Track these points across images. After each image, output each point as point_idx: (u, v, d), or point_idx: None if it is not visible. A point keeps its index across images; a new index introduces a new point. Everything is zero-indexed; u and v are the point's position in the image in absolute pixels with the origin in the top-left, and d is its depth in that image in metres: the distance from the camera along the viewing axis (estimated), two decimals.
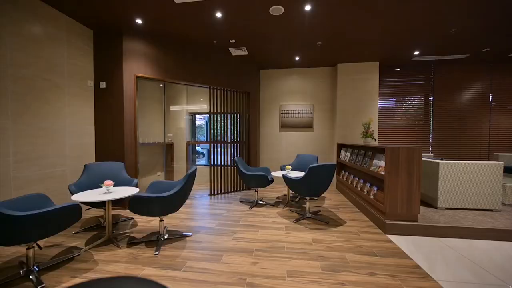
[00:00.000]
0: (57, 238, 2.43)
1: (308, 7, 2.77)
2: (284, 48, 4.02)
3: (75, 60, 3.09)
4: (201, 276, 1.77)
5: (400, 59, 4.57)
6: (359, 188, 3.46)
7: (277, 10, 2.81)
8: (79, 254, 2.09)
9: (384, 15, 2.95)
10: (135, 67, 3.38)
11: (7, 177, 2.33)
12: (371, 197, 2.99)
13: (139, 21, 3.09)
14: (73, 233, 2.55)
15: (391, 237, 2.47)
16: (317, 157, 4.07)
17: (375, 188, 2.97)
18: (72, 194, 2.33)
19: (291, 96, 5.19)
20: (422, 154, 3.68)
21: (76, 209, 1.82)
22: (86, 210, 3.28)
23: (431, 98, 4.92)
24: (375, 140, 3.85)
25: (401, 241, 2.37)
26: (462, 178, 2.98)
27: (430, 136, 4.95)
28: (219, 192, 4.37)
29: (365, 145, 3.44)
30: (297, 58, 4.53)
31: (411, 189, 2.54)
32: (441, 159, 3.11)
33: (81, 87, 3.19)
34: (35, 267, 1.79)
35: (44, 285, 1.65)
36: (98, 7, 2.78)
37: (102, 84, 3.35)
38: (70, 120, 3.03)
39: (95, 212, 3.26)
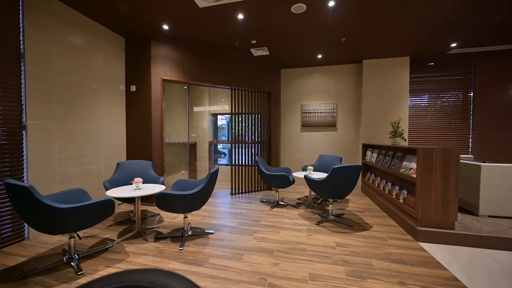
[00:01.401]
0: (93, 229, 2.66)
1: (331, 3, 2.68)
2: (306, 46, 3.94)
3: (109, 66, 3.35)
4: (223, 274, 1.81)
5: (434, 53, 4.21)
6: (386, 191, 3.26)
7: (299, 8, 2.76)
8: (112, 246, 2.26)
9: (416, 5, 2.74)
10: (162, 70, 3.56)
11: (53, 173, 2.60)
12: (401, 201, 2.79)
13: (165, 27, 3.25)
14: (107, 226, 2.76)
15: (424, 245, 2.28)
16: (341, 158, 3.92)
17: (405, 192, 2.78)
18: (107, 190, 2.53)
19: (313, 95, 5.07)
20: (460, 155, 3.36)
21: (110, 203, 1.97)
22: (118, 205, 3.54)
23: (471, 94, 4.46)
24: (405, 140, 3.59)
25: (435, 250, 2.19)
26: (509, 183, 2.66)
27: (470, 136, 4.49)
28: (240, 191, 4.42)
29: (393, 145, 3.23)
30: (319, 56, 4.42)
31: (447, 194, 2.33)
32: (484, 162, 2.80)
33: (114, 91, 3.45)
34: (75, 255, 1.98)
35: (83, 272, 1.82)
36: (130, 17, 2.98)
37: (133, 88, 3.58)
38: (105, 122, 3.29)
39: (126, 207, 3.50)
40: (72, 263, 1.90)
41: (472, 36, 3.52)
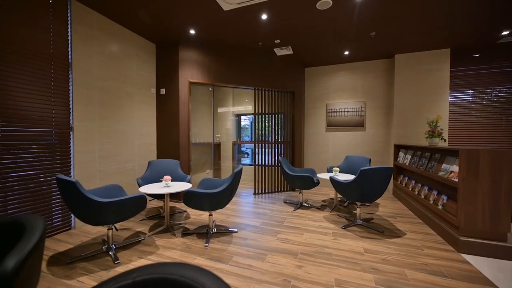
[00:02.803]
0: (128, 223, 2.87)
1: None
2: (332, 43, 3.80)
3: (142, 71, 3.60)
4: (246, 272, 1.83)
5: (480, 43, 3.76)
6: (422, 196, 3.00)
7: (324, 4, 2.68)
8: (144, 239, 2.42)
9: None
10: (189, 73, 3.72)
11: (95, 170, 2.87)
12: (439, 207, 2.55)
13: (192, 31, 3.39)
14: (140, 220, 2.97)
15: (467, 257, 2.05)
16: (369, 159, 3.70)
17: (444, 197, 2.52)
18: (139, 187, 2.72)
19: (339, 93, 4.87)
20: None
21: (143, 199, 2.11)
22: (149, 200, 3.78)
23: None
24: (445, 140, 3.26)
25: (481, 263, 1.95)
26: None
27: None
28: (263, 191, 4.43)
29: (431, 146, 2.96)
30: (346, 53, 4.23)
31: (497, 201, 2.06)
32: None
33: (146, 94, 3.69)
34: (113, 245, 2.16)
35: (119, 261, 1.97)
36: (161, 24, 3.17)
37: (162, 91, 3.80)
38: (138, 123, 3.54)
39: (156, 203, 3.73)
40: (110, 253, 2.07)
41: None
